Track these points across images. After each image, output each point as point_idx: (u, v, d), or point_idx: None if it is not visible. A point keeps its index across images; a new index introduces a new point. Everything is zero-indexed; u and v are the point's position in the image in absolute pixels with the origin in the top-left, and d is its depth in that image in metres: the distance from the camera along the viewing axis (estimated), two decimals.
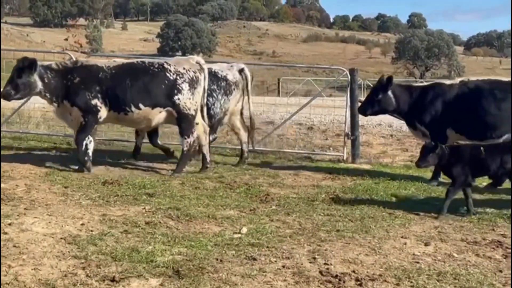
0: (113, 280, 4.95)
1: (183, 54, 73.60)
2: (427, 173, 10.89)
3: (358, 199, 8.45)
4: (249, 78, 10.62)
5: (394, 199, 8.57)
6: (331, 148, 13.94)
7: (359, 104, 11.72)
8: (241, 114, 11.28)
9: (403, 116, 10.61)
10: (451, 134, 10.11)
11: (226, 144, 13.43)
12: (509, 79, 10.44)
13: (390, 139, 15.51)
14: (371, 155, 13.24)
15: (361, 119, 12.84)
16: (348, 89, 12.38)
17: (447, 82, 10.63)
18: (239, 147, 11.69)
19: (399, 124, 15.55)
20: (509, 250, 6.24)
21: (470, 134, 10.03)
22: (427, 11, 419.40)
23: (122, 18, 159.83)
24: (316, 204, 8.13)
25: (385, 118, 14.81)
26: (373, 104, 10.42)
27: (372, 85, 12.13)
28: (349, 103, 12.42)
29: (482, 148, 7.77)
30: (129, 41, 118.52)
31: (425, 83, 10.81)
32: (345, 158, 12.40)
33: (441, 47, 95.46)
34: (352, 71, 12.49)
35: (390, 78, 10.31)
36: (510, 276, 5.42)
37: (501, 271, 5.54)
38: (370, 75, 76.26)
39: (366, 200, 8.40)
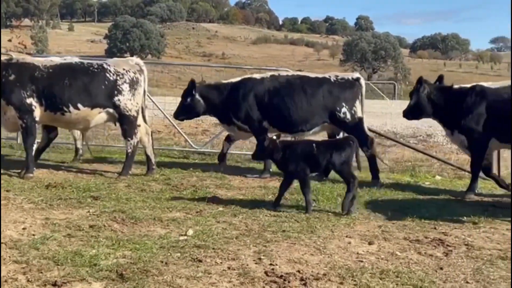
0: (54, 284, 4.86)
1: (132, 56, 72.77)
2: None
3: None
4: (146, 74, 10.39)
5: (339, 199, 8.64)
6: None
7: None
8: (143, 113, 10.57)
9: (217, 115, 10.89)
10: (268, 127, 10.51)
11: (173, 146, 13.37)
12: (316, 75, 11.11)
13: None
14: None
15: None
16: None
17: (258, 76, 10.88)
18: (187, 149, 11.65)
19: None
20: (450, 248, 6.39)
21: (282, 127, 10.50)
22: (374, 14, 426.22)
23: (68, 19, 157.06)
24: (262, 205, 8.15)
25: None
26: (184, 109, 10.64)
27: None
28: None
29: (314, 144, 7.96)
30: (75, 42, 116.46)
31: (236, 79, 11.01)
32: None
33: (387, 50, 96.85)
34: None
35: (193, 82, 10.54)
36: (450, 273, 5.55)
37: (441, 269, 5.66)
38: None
39: (312, 200, 8.43)
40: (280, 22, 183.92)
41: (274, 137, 8.15)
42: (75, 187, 8.56)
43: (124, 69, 9.93)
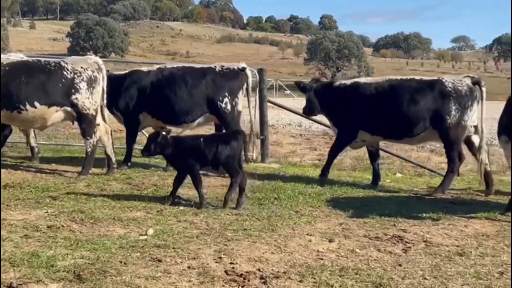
0: (10, 286, 4.76)
1: (95, 54, 71.91)
2: (334, 172, 11.16)
3: (266, 198, 8.53)
4: (105, 73, 10.28)
5: (301, 197, 8.69)
6: None
7: (269, 104, 11.91)
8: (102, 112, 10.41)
9: (107, 106, 10.73)
10: (147, 118, 10.70)
11: (134, 145, 13.22)
12: (203, 65, 11.29)
13: (300, 139, 15.79)
14: (280, 154, 13.41)
15: (271, 119, 12.98)
16: (257, 89, 12.48)
17: (145, 69, 11.01)
18: None
19: (308, 124, 15.84)
20: (409, 245, 6.45)
21: (165, 119, 10.73)
22: (337, 13, 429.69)
23: (30, 17, 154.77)
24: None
25: (295, 118, 15.03)
26: None
27: (284, 86, 12.29)
28: (257, 103, 12.52)
29: (201, 139, 8.03)
30: (37, 40, 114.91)
31: (125, 71, 11.20)
32: (254, 157, 12.49)
33: (351, 49, 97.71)
34: (260, 71, 12.61)
35: None
36: (408, 270, 5.61)
37: (400, 265, 5.70)
38: (283, 75, 77.34)
39: (274, 199, 8.48)
40: (245, 21, 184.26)
41: (164, 132, 8.10)
42: (33, 187, 8.43)
43: (82, 68, 9.80)
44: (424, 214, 7.81)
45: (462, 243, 6.56)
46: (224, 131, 10.55)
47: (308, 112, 10.73)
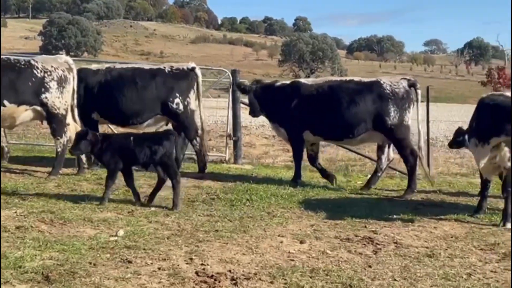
0: None
1: (67, 53, 71.43)
2: (307, 173, 11.20)
3: (238, 199, 8.52)
4: (75, 72, 10.16)
5: (273, 199, 8.70)
6: (214, 149, 14.00)
7: (241, 105, 11.92)
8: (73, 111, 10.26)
9: None
10: (100, 118, 10.59)
11: None
12: (152, 66, 11.22)
13: (273, 140, 15.78)
14: (253, 155, 13.41)
15: (244, 120, 12.98)
16: (230, 90, 12.47)
17: (93, 67, 10.95)
18: None
19: None
20: (379, 246, 6.50)
21: (114, 120, 10.79)
22: (312, 15, 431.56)
23: (2, 15, 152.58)
24: (196, 204, 8.14)
25: None
26: None
27: None
28: (230, 104, 12.52)
29: (132, 137, 8.01)
30: (9, 38, 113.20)
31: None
32: (227, 159, 12.50)
33: (325, 51, 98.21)
34: (233, 73, 12.60)
35: None
36: (378, 271, 5.64)
37: (370, 266, 5.75)
38: (257, 77, 77.28)
39: (246, 200, 8.48)
40: (219, 22, 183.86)
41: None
42: (2, 187, 8.29)
43: (52, 67, 9.69)
44: (394, 216, 7.88)
45: (431, 244, 6.62)
46: (184, 132, 10.45)
47: (251, 113, 10.82)
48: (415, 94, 9.93)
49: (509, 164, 7.74)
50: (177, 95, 10.44)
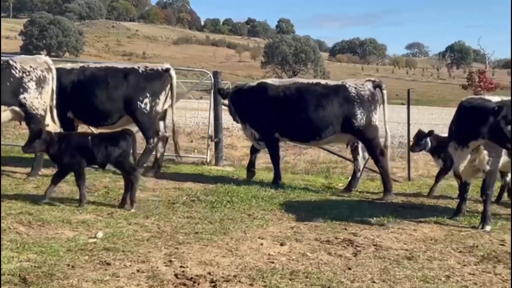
0: None
1: (49, 53, 70.88)
2: (288, 175, 11.21)
3: (219, 201, 8.50)
4: (55, 73, 9.97)
5: (254, 200, 8.69)
6: (195, 151, 13.97)
7: (223, 107, 11.92)
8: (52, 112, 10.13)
9: None
10: (74, 118, 10.50)
11: None
12: (126, 65, 11.14)
13: None
14: (234, 157, 13.39)
15: (225, 122, 12.96)
16: (212, 91, 12.44)
17: (68, 66, 10.88)
18: None
19: None
20: (359, 248, 6.51)
21: (85, 119, 10.69)
22: (295, 17, 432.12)
23: None
24: (176, 206, 8.11)
25: None
26: None
27: None
28: (212, 106, 12.49)
29: (89, 137, 8.01)
30: None
31: None
32: (208, 160, 12.47)
33: (307, 53, 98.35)
34: (215, 74, 12.56)
35: None
36: (358, 273, 5.65)
37: (350, 269, 5.76)
38: (240, 78, 77.20)
39: (227, 202, 8.46)
40: (202, 23, 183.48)
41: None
42: None
43: (31, 67, 9.57)
44: (374, 218, 7.91)
45: (410, 247, 6.65)
46: (144, 132, 10.50)
47: (232, 117, 11.06)
48: (381, 94, 10.04)
49: (488, 167, 7.79)
50: (148, 95, 10.35)
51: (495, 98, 8.03)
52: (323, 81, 10.62)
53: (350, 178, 10.44)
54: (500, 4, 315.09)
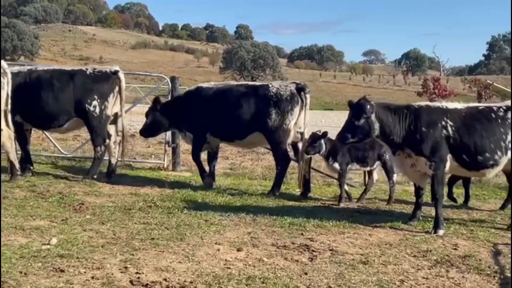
0: None
1: (3, 57, 69.54)
2: (245, 180, 11.22)
3: (176, 206, 8.46)
4: (10, 77, 9.78)
5: (211, 206, 8.66)
6: (152, 156, 13.87)
7: None
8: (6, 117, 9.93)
9: None
10: (20, 121, 10.40)
11: (41, 152, 12.86)
12: (74, 67, 11.20)
13: None
14: (192, 163, 13.31)
15: None
16: (169, 96, 12.39)
17: (15, 69, 10.78)
18: (56, 154, 11.22)
19: None
20: (315, 253, 6.54)
21: (33, 122, 10.63)
22: (253, 23, 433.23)
23: None
24: (132, 212, 8.04)
25: None
26: None
27: None
28: None
29: None
30: None
31: None
32: (165, 166, 12.40)
33: (266, 59, 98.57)
34: (172, 79, 12.53)
35: None
36: (314, 278, 5.68)
37: (306, 274, 5.78)
38: (198, 84, 76.96)
39: (183, 207, 8.42)
40: (160, 28, 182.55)
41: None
42: None
43: None
44: (331, 223, 7.95)
45: (366, 251, 6.71)
46: (92, 135, 10.42)
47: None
48: (304, 98, 10.17)
49: (431, 171, 7.92)
50: (96, 97, 10.28)
51: (417, 103, 8.26)
52: (250, 82, 10.87)
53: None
54: (455, 13, 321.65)
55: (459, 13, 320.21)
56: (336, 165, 9.59)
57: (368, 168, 9.84)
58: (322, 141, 9.42)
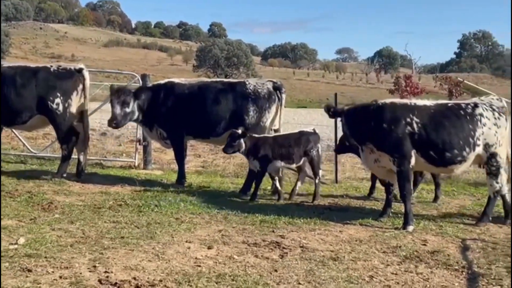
0: None
1: None
2: (217, 178, 11.20)
3: (146, 205, 8.41)
4: None
5: (182, 204, 8.63)
6: (124, 154, 13.78)
7: None
8: None
9: None
10: None
11: (9, 150, 12.70)
12: (39, 65, 11.03)
13: None
14: (163, 161, 13.28)
15: None
16: None
17: None
18: (25, 153, 11.08)
19: None
20: (286, 250, 6.56)
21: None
22: (227, 21, 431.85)
23: None
24: (102, 211, 7.97)
25: None
26: None
27: None
28: None
29: None
30: None
31: None
32: (137, 164, 12.32)
33: (240, 57, 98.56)
34: (143, 77, 12.45)
35: None
36: (284, 275, 5.69)
37: (276, 271, 5.79)
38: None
39: (154, 206, 8.37)
40: (133, 26, 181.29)
41: None
42: None
43: None
44: (302, 220, 7.98)
45: (336, 248, 6.75)
46: (57, 133, 10.30)
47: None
48: (280, 97, 10.25)
49: (395, 167, 8.02)
50: (59, 95, 10.15)
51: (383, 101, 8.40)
52: (225, 80, 10.89)
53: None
54: (427, 11, 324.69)
55: (430, 11, 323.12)
56: (256, 163, 9.46)
57: (293, 165, 9.84)
58: (242, 140, 9.30)
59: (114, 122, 10.10)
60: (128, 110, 10.08)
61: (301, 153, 9.55)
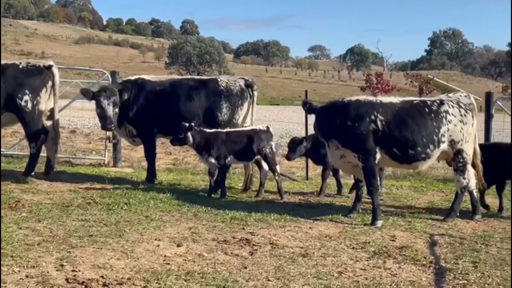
0: None
1: None
2: (188, 176, 11.15)
3: (116, 203, 8.34)
4: None
5: (152, 202, 8.58)
6: (93, 152, 13.67)
7: None
8: None
9: None
10: None
11: None
12: (7, 61, 10.73)
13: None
14: (133, 159, 13.20)
15: None
16: None
17: None
18: None
19: None
20: (256, 247, 6.56)
21: None
22: (199, 19, 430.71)
23: None
24: (71, 209, 7.89)
25: None
26: None
27: None
28: None
29: None
30: None
31: None
32: (106, 162, 12.22)
33: (212, 54, 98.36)
34: (113, 74, 12.37)
35: None
36: (253, 272, 5.69)
37: (245, 268, 5.79)
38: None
39: (124, 204, 8.31)
40: (104, 22, 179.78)
41: None
42: None
43: None
44: (272, 217, 7.99)
45: (306, 244, 6.77)
46: (26, 131, 10.16)
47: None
48: (252, 94, 10.33)
49: (360, 163, 8.09)
50: (27, 92, 9.98)
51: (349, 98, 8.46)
52: (196, 77, 10.98)
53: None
54: (397, 9, 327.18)
55: (401, 9, 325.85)
56: (212, 160, 9.39)
57: (247, 162, 9.87)
58: (189, 133, 9.21)
59: (112, 125, 9.98)
60: (116, 110, 9.98)
61: (254, 150, 9.52)
